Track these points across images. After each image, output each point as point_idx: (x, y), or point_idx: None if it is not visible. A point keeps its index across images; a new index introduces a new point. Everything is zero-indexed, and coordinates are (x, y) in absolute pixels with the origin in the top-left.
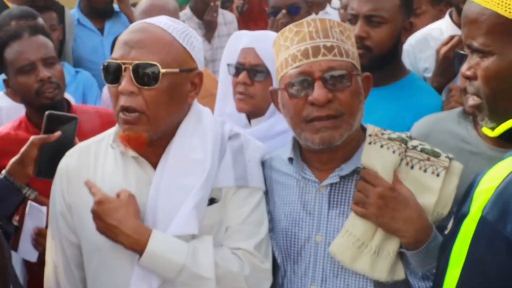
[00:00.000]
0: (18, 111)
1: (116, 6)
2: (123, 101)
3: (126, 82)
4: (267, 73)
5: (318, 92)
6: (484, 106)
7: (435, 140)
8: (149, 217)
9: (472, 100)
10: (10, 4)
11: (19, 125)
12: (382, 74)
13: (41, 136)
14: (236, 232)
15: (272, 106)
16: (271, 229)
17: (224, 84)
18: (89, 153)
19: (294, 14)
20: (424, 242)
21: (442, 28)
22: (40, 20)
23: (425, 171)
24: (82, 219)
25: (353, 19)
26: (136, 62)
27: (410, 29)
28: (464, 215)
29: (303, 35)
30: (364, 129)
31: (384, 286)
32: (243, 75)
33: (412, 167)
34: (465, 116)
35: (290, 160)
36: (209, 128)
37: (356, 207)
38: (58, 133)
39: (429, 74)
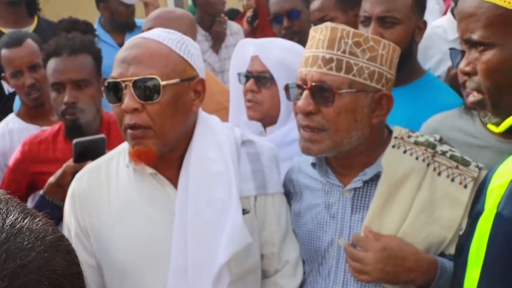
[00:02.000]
0: (30, 132)
1: (137, 21)
2: (128, 119)
3: (128, 99)
4: (272, 80)
5: (302, 102)
6: (486, 102)
7: (444, 138)
8: (178, 234)
9: (472, 97)
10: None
11: (58, 131)
12: (398, 74)
13: (73, 165)
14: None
15: (283, 113)
16: (298, 230)
17: (236, 94)
18: (100, 174)
19: (294, 19)
20: (433, 279)
21: (445, 25)
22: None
23: (452, 180)
24: (101, 240)
25: (366, 21)
26: (135, 78)
27: (424, 29)
28: (479, 213)
29: (313, 42)
30: (390, 131)
31: None
32: (250, 83)
33: (439, 174)
34: (467, 110)
35: (313, 165)
36: (222, 136)
37: (360, 276)
38: (88, 163)
39: (437, 73)
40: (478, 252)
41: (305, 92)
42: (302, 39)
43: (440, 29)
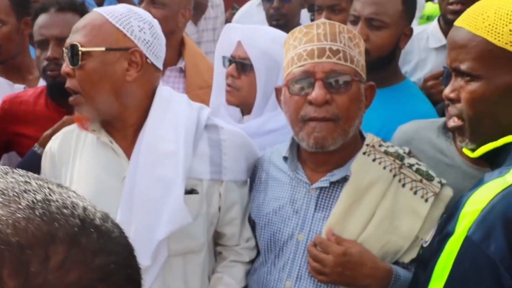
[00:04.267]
0: (2, 87)
1: None
2: (66, 83)
3: (64, 64)
4: (252, 67)
5: (317, 92)
6: (466, 128)
7: (415, 149)
8: (124, 206)
9: (453, 122)
10: None
11: (40, 94)
12: (378, 77)
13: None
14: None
15: (259, 103)
16: (259, 220)
17: (219, 77)
18: (71, 137)
19: (286, 1)
20: (387, 286)
21: (428, 33)
22: None
23: (415, 193)
24: None
25: (355, 21)
26: (68, 45)
27: (410, 35)
28: (449, 234)
29: (311, 37)
30: (363, 137)
31: None
32: (231, 68)
33: (403, 185)
34: (445, 131)
35: (285, 159)
36: (182, 116)
37: (318, 276)
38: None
39: (413, 78)
40: (443, 269)
41: (318, 83)
42: (287, 24)
43: (423, 35)
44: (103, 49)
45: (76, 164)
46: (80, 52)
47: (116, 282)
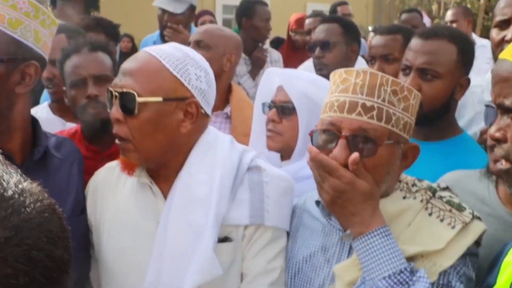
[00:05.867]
0: (54, 125)
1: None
2: (114, 128)
3: (114, 109)
4: (294, 111)
5: (338, 152)
6: None
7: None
8: (156, 251)
9: (500, 164)
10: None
11: (74, 134)
12: (432, 130)
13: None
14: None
15: (300, 147)
16: (289, 268)
17: (258, 123)
18: (113, 172)
19: (325, 50)
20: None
21: (484, 85)
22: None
23: (441, 220)
24: (98, 235)
25: (406, 70)
26: (119, 90)
27: (466, 86)
28: (490, 286)
29: (348, 86)
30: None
31: None
32: (272, 112)
33: (430, 214)
34: (488, 175)
35: (317, 203)
36: (220, 158)
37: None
38: None
39: (470, 132)
40: None
41: (341, 141)
42: (330, 73)
43: (478, 88)
44: (160, 99)
45: (114, 201)
46: (136, 102)
47: (8, 261)
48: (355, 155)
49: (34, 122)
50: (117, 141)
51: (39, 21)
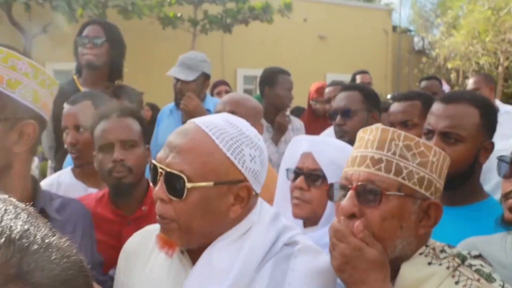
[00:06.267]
0: (77, 190)
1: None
2: (157, 206)
3: (159, 187)
4: (323, 178)
5: (346, 202)
6: None
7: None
8: None
9: None
10: (81, 87)
11: (101, 198)
12: (456, 194)
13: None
14: None
15: (328, 214)
16: None
17: (282, 190)
18: (150, 237)
19: (346, 117)
20: None
21: (509, 150)
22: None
23: None
24: None
25: (429, 134)
26: (167, 169)
27: (491, 150)
28: None
29: (362, 142)
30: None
31: None
32: (300, 180)
33: (457, 283)
34: (503, 235)
35: None
36: (250, 244)
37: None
38: None
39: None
40: None
41: (350, 192)
42: (352, 140)
43: (503, 153)
44: (211, 184)
45: (148, 267)
46: (186, 187)
47: None
48: (358, 223)
49: (34, 182)
50: (158, 218)
51: (38, 81)
